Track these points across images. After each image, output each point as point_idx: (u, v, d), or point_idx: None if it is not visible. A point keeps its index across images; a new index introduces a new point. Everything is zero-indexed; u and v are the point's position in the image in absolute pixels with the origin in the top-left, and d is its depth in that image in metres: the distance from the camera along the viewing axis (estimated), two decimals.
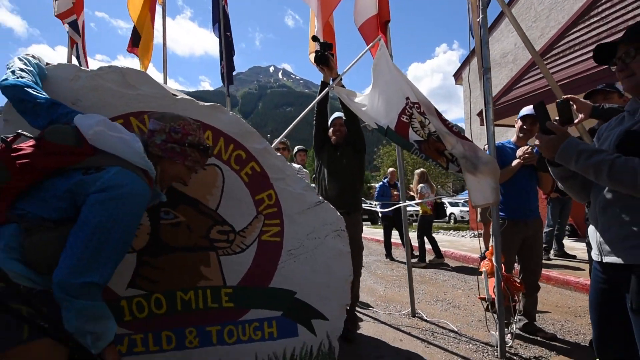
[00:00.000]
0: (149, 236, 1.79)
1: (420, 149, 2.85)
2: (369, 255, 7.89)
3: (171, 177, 1.46)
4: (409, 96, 2.81)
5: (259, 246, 1.85)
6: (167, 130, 1.39)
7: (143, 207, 1.27)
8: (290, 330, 1.85)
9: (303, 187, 1.95)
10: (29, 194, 1.18)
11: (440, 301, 4.25)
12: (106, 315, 1.18)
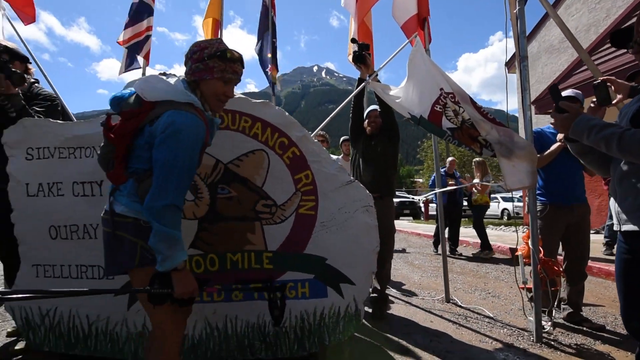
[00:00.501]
0: (208, 207, 2.15)
1: (453, 136, 3.00)
2: (408, 247, 7.97)
3: (212, 95, 1.57)
4: (443, 87, 2.97)
5: (296, 218, 2.15)
6: (189, 56, 1.55)
7: (197, 135, 1.47)
8: (320, 292, 2.13)
9: (336, 168, 2.22)
10: (131, 155, 1.53)
11: (479, 290, 4.26)
12: (176, 245, 1.42)
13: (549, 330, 2.92)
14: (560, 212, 3.04)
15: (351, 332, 2.16)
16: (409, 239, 9.86)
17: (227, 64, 1.54)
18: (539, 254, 2.80)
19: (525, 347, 2.68)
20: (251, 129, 2.13)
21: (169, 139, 1.41)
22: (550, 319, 2.97)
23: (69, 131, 2.20)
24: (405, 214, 19.91)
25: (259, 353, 2.14)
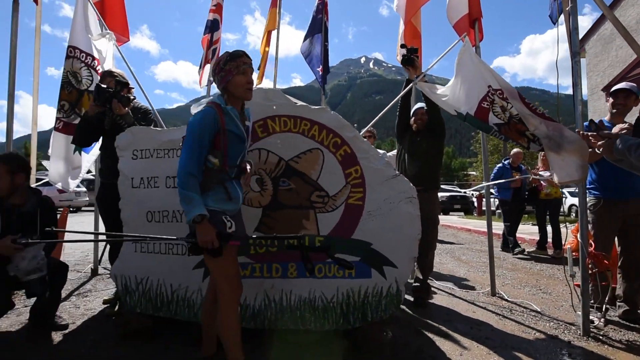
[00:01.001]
0: (271, 197, 2.52)
1: (499, 131, 3.12)
2: (456, 242, 7.94)
3: (240, 87, 1.94)
4: (490, 84, 3.11)
5: (345, 207, 2.45)
6: (213, 75, 1.99)
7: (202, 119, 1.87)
8: (365, 273, 2.41)
9: (383, 163, 2.49)
10: None
11: (529, 287, 4.26)
12: (192, 202, 1.79)
13: (599, 325, 2.92)
14: (615, 207, 3.02)
15: (392, 310, 2.42)
16: (458, 234, 9.75)
17: (237, 61, 1.93)
18: (589, 248, 2.82)
19: (570, 339, 2.73)
20: (309, 131, 2.46)
21: (189, 125, 1.93)
22: (602, 314, 2.97)
23: (164, 136, 2.70)
24: (456, 209, 19.27)
25: (308, 324, 2.47)
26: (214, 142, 1.91)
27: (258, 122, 2.50)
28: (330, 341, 2.46)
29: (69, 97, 3.72)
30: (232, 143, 1.94)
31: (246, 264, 2.55)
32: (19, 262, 2.46)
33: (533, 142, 2.98)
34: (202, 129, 1.87)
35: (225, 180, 1.94)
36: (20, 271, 2.45)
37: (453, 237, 8.98)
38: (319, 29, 5.80)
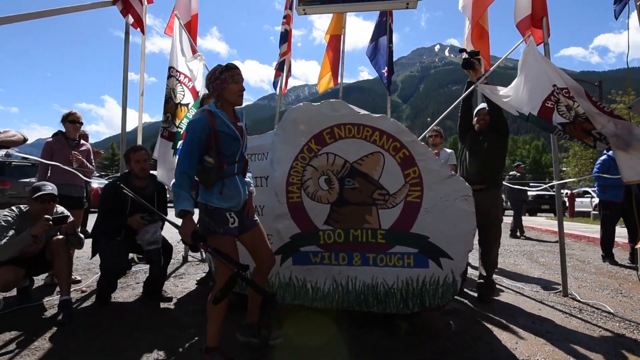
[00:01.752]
0: (338, 195, 2.88)
1: (564, 130, 3.13)
2: (536, 245, 7.58)
3: (233, 94, 2.22)
4: (556, 83, 3.13)
5: (404, 204, 2.72)
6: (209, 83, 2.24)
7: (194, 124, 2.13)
8: (423, 263, 2.66)
9: (439, 165, 2.71)
10: None
11: (608, 290, 4.09)
12: (179, 199, 2.04)
13: None
14: None
15: (448, 298, 2.64)
16: (542, 236, 9.23)
17: (232, 72, 2.21)
18: None
19: (638, 338, 2.70)
20: (371, 137, 2.77)
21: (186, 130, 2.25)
22: None
23: (249, 143, 3.20)
24: (544, 209, 17.88)
25: (371, 306, 2.79)
26: (208, 144, 2.16)
27: (326, 130, 2.87)
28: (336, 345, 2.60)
29: (170, 110, 4.45)
30: (226, 142, 2.20)
31: (316, 252, 2.94)
32: (144, 235, 3.20)
33: (599, 140, 2.95)
34: (194, 133, 2.13)
35: (225, 177, 2.20)
36: (143, 242, 3.19)
37: (535, 239, 8.56)
38: (384, 31, 6.02)
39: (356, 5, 3.77)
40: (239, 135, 2.28)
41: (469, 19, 4.64)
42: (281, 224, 3.01)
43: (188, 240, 2.07)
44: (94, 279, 4.19)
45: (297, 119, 2.95)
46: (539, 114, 3.21)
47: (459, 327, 2.87)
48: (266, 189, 3.09)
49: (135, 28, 4.65)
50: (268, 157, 3.11)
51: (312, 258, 2.95)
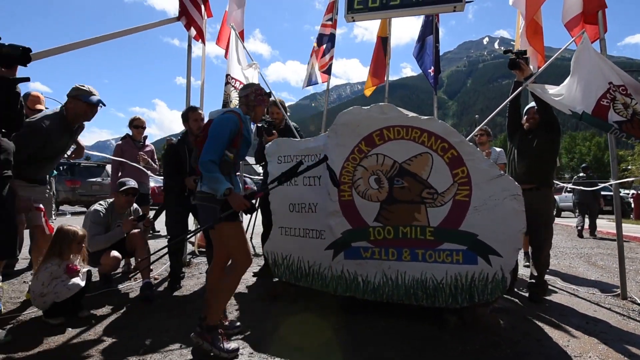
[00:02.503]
0: (387, 193, 3.03)
1: (620, 129, 3.07)
2: (594, 247, 7.20)
3: (257, 115, 2.66)
4: (612, 81, 3.08)
5: (453, 203, 2.82)
6: (253, 90, 2.64)
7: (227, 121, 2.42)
8: (472, 260, 2.74)
9: (488, 164, 2.78)
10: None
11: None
12: (218, 180, 2.30)
13: None
14: None
15: (498, 295, 2.70)
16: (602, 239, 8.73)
17: (265, 98, 2.69)
18: None
19: None
20: (420, 138, 2.89)
21: (214, 124, 2.46)
22: None
23: (302, 145, 3.47)
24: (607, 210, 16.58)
25: (421, 300, 2.91)
26: (233, 141, 2.45)
27: (375, 132, 3.03)
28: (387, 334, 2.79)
29: None
30: (243, 145, 2.54)
31: (367, 247, 3.12)
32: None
33: None
34: (227, 128, 2.42)
35: (231, 172, 2.55)
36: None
37: (594, 242, 8.13)
38: (430, 30, 6.03)
39: (403, 11, 3.89)
40: (251, 141, 2.68)
41: (523, 15, 4.58)
42: (333, 221, 3.22)
43: (247, 204, 2.37)
44: (162, 269, 4.66)
45: (348, 122, 3.14)
46: (593, 112, 3.16)
47: (508, 324, 2.93)
48: (319, 187, 3.32)
49: (197, 40, 5.08)
50: None
51: (362, 253, 3.13)
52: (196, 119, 3.93)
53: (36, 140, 2.94)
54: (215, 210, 2.41)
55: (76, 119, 3.17)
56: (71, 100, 3.10)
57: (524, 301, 3.60)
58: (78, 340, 2.61)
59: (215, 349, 2.32)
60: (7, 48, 2.29)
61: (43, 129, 2.96)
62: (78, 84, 3.17)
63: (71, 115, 3.13)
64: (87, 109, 3.13)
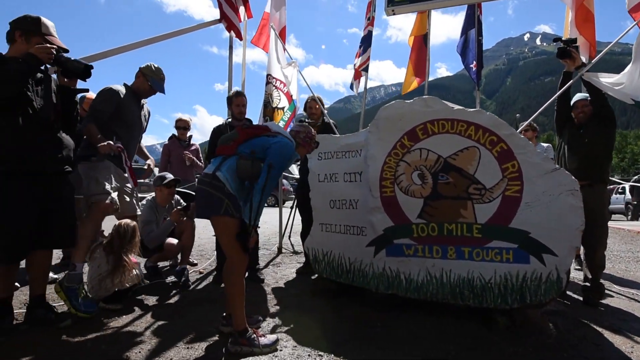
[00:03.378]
0: (431, 189, 2.96)
1: None
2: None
3: (301, 153, 2.75)
4: None
5: (502, 199, 2.70)
6: (305, 132, 2.72)
7: (290, 153, 2.54)
8: (523, 259, 2.61)
9: (541, 158, 2.64)
10: (244, 144, 2.49)
11: None
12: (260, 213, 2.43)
13: None
14: None
15: (552, 296, 2.55)
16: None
17: (313, 144, 2.80)
18: None
19: None
20: (466, 131, 2.80)
21: (278, 147, 2.46)
22: None
23: (342, 141, 3.46)
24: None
25: (467, 300, 2.81)
26: None
27: (419, 126, 2.97)
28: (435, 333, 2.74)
29: (268, 113, 4.90)
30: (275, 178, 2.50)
31: (410, 244, 3.05)
32: None
33: None
34: (287, 155, 2.54)
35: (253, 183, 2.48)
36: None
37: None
38: (472, 23, 5.85)
39: (445, 2, 3.79)
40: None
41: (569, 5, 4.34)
42: (375, 217, 3.18)
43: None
44: (207, 263, 4.80)
45: (390, 117, 3.09)
46: None
47: (562, 327, 2.77)
48: (360, 184, 3.30)
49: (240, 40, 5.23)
50: (362, 154, 3.30)
51: (405, 250, 3.07)
52: (238, 104, 4.10)
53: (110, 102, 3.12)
54: (221, 203, 2.34)
55: (144, 95, 3.45)
56: (140, 75, 3.37)
57: (578, 305, 3.39)
58: (130, 328, 2.73)
59: (255, 348, 2.34)
60: (72, 63, 2.54)
61: (113, 89, 3.18)
62: (153, 65, 3.41)
63: (134, 88, 3.38)
64: (148, 91, 3.40)
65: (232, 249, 2.40)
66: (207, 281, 4.05)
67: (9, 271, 2.50)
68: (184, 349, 2.39)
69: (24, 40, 2.45)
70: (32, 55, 2.35)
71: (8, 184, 2.37)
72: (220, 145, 2.54)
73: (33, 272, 2.69)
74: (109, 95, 3.15)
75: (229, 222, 2.37)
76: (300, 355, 2.35)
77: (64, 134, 2.68)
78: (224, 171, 2.40)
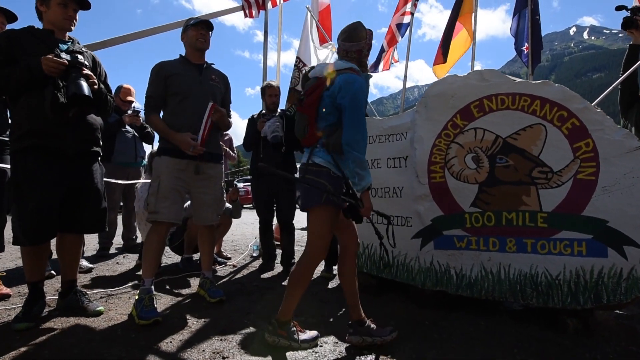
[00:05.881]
0: (487, 174, 2.65)
1: None
2: None
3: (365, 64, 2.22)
4: None
5: (574, 183, 2.35)
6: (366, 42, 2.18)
7: (360, 84, 2.04)
8: (599, 251, 2.25)
9: (623, 134, 2.26)
10: (317, 119, 2.13)
11: None
12: (367, 168, 2.02)
13: None
14: None
15: (635, 295, 2.17)
16: None
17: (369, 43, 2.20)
18: None
19: None
20: (530, 107, 2.47)
21: (347, 90, 2.02)
22: None
23: (385, 124, 3.20)
24: None
25: (529, 299, 2.47)
26: None
27: (474, 102, 2.67)
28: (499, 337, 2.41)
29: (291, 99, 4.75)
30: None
31: (462, 236, 2.76)
32: (265, 127, 3.64)
33: None
34: (363, 95, 2.07)
35: None
36: (267, 133, 3.59)
37: None
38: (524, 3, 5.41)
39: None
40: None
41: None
42: (422, 206, 2.91)
43: (368, 216, 2.10)
44: (241, 257, 4.69)
45: (441, 93, 2.81)
46: None
47: None
48: (405, 169, 3.03)
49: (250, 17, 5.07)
50: (407, 137, 3.04)
51: (456, 242, 2.77)
52: (271, 95, 4.01)
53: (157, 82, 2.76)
54: (321, 192, 2.05)
55: (194, 51, 2.89)
56: (183, 36, 2.92)
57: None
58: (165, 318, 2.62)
59: (293, 342, 2.14)
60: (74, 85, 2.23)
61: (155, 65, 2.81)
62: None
63: (189, 50, 2.90)
64: (195, 34, 2.84)
65: (320, 239, 2.13)
66: (241, 274, 3.92)
67: (37, 253, 2.42)
68: (217, 341, 2.24)
69: (45, 6, 2.35)
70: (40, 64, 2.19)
71: (28, 162, 2.28)
72: (300, 140, 2.26)
73: (63, 257, 2.62)
74: (152, 74, 2.80)
75: (326, 212, 2.10)
76: (342, 352, 2.13)
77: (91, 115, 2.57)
78: (322, 152, 2.13)
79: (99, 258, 4.47)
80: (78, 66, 2.26)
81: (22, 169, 2.29)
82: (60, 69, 2.22)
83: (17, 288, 3.16)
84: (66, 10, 2.38)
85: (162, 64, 2.81)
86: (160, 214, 2.66)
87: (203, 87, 2.85)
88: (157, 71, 2.78)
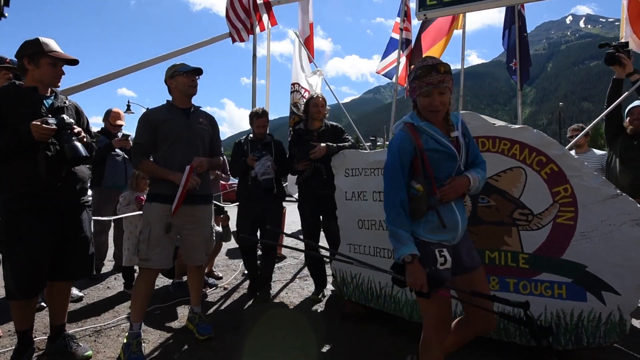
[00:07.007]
0: (470, 213, 2.68)
1: None
2: None
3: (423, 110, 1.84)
4: None
5: (553, 226, 2.40)
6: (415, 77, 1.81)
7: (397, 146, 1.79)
8: (579, 295, 2.30)
9: (599, 182, 2.31)
10: None
11: None
12: (401, 240, 1.72)
13: None
14: None
15: (614, 339, 2.23)
16: None
17: (421, 81, 1.76)
18: None
19: None
20: (509, 150, 2.51)
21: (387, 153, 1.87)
22: None
23: (371, 157, 3.23)
24: None
25: (513, 337, 2.53)
26: (414, 167, 1.78)
27: None
28: None
29: (292, 123, 4.74)
30: (436, 162, 1.79)
31: None
32: (257, 168, 3.72)
33: None
34: (394, 156, 1.80)
35: (438, 204, 1.78)
36: (258, 174, 3.70)
37: None
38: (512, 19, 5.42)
39: (481, 4, 3.47)
40: (455, 151, 1.82)
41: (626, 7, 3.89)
42: None
43: (424, 289, 1.71)
44: (233, 277, 4.72)
45: None
46: None
47: None
48: None
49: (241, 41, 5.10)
50: None
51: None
52: (259, 125, 3.97)
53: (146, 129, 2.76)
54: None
55: (184, 97, 2.88)
56: (170, 81, 2.87)
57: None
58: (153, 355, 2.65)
59: None
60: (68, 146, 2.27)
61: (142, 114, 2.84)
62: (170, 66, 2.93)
63: (179, 95, 2.88)
64: (186, 80, 2.82)
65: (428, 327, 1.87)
66: (231, 299, 3.95)
67: (28, 305, 2.47)
68: None
69: (34, 65, 2.37)
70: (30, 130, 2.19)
71: (21, 221, 2.32)
72: None
73: (53, 303, 2.65)
74: (140, 122, 2.82)
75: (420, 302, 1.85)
76: None
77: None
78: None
79: (90, 281, 4.47)
80: (67, 127, 2.28)
81: (14, 230, 2.32)
82: (51, 134, 2.25)
83: (7, 325, 3.17)
84: (56, 69, 2.42)
85: (149, 113, 2.87)
86: (151, 261, 2.69)
87: (191, 131, 2.87)
88: (145, 120, 2.82)
